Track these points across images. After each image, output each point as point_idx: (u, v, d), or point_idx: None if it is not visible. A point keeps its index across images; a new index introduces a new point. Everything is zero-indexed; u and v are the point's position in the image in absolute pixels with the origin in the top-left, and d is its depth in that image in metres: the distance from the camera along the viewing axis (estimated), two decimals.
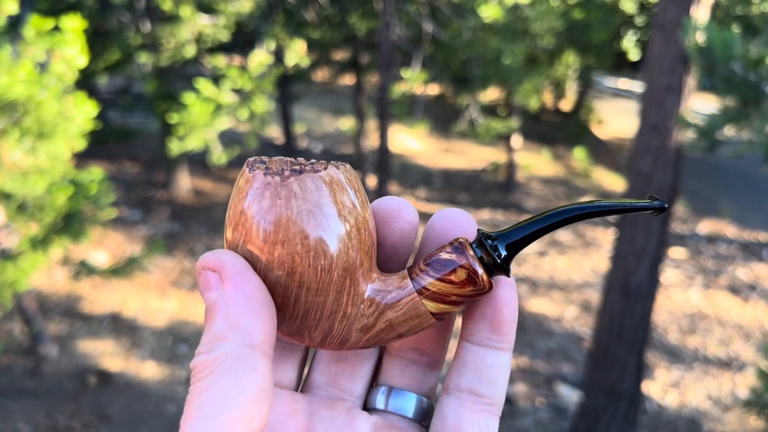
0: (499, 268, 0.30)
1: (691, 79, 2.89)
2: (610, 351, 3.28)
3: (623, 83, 12.02)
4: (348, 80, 9.08)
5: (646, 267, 3.12)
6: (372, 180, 6.50)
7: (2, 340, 4.12)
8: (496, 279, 0.32)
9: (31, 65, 2.81)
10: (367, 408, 0.35)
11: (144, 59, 5.57)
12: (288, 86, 6.35)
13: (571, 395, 3.95)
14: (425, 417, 0.35)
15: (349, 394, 0.34)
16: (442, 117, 8.54)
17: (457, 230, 0.32)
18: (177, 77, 6.14)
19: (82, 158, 5.72)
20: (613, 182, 7.60)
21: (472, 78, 5.65)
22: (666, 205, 0.30)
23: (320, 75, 8.41)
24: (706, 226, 6.37)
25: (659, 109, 2.95)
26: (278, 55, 5.71)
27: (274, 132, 7.86)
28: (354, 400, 0.34)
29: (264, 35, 5.38)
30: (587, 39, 6.52)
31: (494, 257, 0.30)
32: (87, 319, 4.44)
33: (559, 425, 3.76)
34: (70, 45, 2.90)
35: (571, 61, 6.44)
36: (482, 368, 0.32)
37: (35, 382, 3.83)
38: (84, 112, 3.02)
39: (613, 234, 4.67)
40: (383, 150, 5.54)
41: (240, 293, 0.28)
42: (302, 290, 0.29)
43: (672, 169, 3.00)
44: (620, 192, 7.05)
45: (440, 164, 7.78)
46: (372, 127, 6.74)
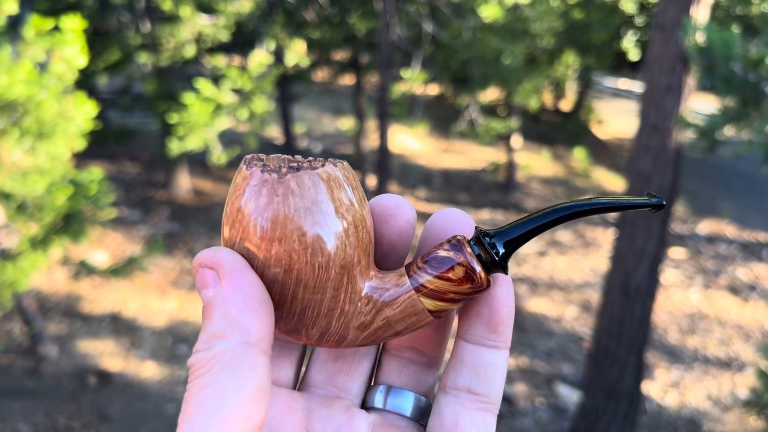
0: (497, 266, 0.30)
1: (691, 80, 2.89)
2: (610, 351, 3.27)
3: (623, 83, 12.02)
4: (348, 80, 9.09)
5: (646, 267, 3.12)
6: (372, 180, 6.50)
7: (2, 340, 4.12)
8: (494, 277, 0.31)
9: (31, 65, 2.81)
10: (366, 407, 0.35)
11: (144, 59, 5.57)
12: (288, 86, 6.35)
13: (571, 395, 3.95)
14: (423, 416, 0.35)
15: (347, 393, 0.34)
16: (442, 117, 8.54)
17: (456, 230, 0.32)
18: (177, 77, 6.14)
19: (82, 158, 5.72)
20: (613, 182, 7.60)
21: (472, 78, 5.65)
22: (664, 203, 0.30)
23: (320, 75, 8.41)
24: (706, 227, 6.37)
25: (659, 110, 2.95)
26: (278, 55, 5.71)
27: (274, 132, 7.86)
28: (352, 399, 0.34)
29: (264, 35, 5.38)
30: (587, 39, 6.52)
31: (492, 255, 0.30)
32: (87, 319, 4.44)
33: (559, 425, 3.76)
34: (70, 45, 2.90)
35: (571, 61, 6.44)
36: (479, 367, 0.32)
37: (35, 382, 3.83)
38: (84, 112, 3.02)
39: (613, 234, 4.67)
40: (383, 150, 5.54)
41: (238, 291, 0.28)
42: (299, 288, 0.29)
43: (672, 169, 3.00)
44: (620, 192, 7.06)
45: (440, 164, 7.78)
46: (372, 127, 6.74)
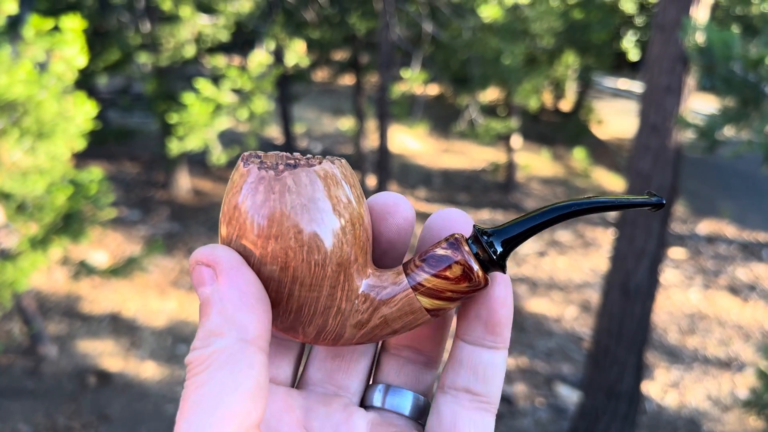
0: (495, 265, 0.30)
1: (691, 80, 2.89)
2: (610, 351, 3.27)
3: (623, 83, 12.02)
4: (348, 80, 9.08)
5: (646, 267, 3.12)
6: (372, 180, 6.50)
7: (2, 340, 4.12)
8: (492, 276, 0.31)
9: (31, 65, 2.81)
10: (364, 405, 0.35)
11: (143, 59, 5.57)
12: (288, 86, 6.35)
13: (571, 395, 3.95)
14: (422, 415, 0.34)
15: (345, 391, 0.34)
16: (442, 117, 8.54)
17: (455, 230, 0.32)
18: (177, 77, 6.14)
19: (82, 158, 5.72)
20: (613, 182, 7.60)
21: (472, 78, 5.65)
22: (664, 202, 0.30)
23: (320, 75, 8.41)
24: (706, 227, 6.37)
25: (659, 110, 2.95)
26: (278, 55, 5.71)
27: (274, 132, 7.86)
28: (350, 397, 0.34)
29: (264, 35, 5.38)
30: (587, 39, 6.52)
31: (490, 253, 0.30)
32: (86, 319, 4.44)
33: (559, 425, 3.76)
34: (70, 45, 2.90)
35: (571, 62, 6.44)
36: (478, 367, 0.32)
37: (35, 382, 3.83)
38: (83, 112, 3.02)
39: (613, 234, 4.67)
40: (383, 150, 5.54)
41: (235, 288, 0.27)
42: (296, 285, 0.29)
43: (671, 170, 3.00)
44: (620, 191, 7.06)
45: (440, 164, 7.78)
46: (372, 127, 6.74)
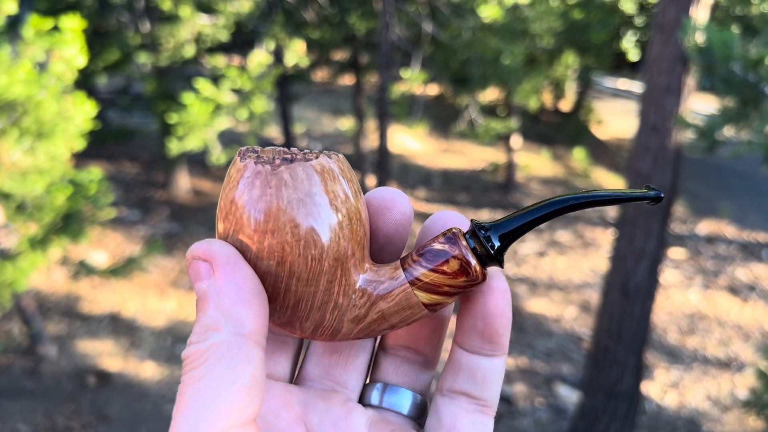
0: (493, 259, 0.30)
1: (691, 80, 2.89)
2: (610, 351, 3.27)
3: (623, 83, 12.02)
4: (347, 80, 9.09)
5: (646, 267, 3.12)
6: (371, 180, 6.50)
7: (1, 340, 4.12)
8: (490, 287, 0.31)
9: (31, 65, 2.81)
10: (362, 404, 0.35)
11: (143, 59, 5.57)
12: (287, 86, 6.35)
13: (571, 396, 3.95)
14: (420, 414, 0.35)
15: (343, 387, 0.34)
16: (442, 117, 8.54)
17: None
18: (176, 77, 6.14)
19: (82, 158, 5.72)
20: (613, 182, 7.60)
21: (472, 78, 5.65)
22: (662, 195, 0.30)
23: (320, 75, 8.41)
24: (706, 227, 6.37)
25: (659, 110, 2.95)
26: (278, 55, 5.71)
27: (274, 132, 7.86)
28: (348, 393, 0.34)
29: (263, 35, 5.38)
30: (587, 39, 6.52)
31: (487, 248, 0.30)
32: (86, 319, 4.44)
33: (559, 426, 3.76)
34: (70, 45, 2.90)
35: (571, 62, 6.44)
36: (476, 372, 0.32)
37: (34, 382, 3.83)
38: (83, 112, 3.02)
39: (613, 234, 4.67)
40: (382, 150, 5.54)
41: (231, 283, 0.27)
42: (293, 280, 0.29)
43: (671, 170, 3.00)
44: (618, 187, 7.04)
45: (440, 164, 7.78)
46: (371, 127, 6.74)
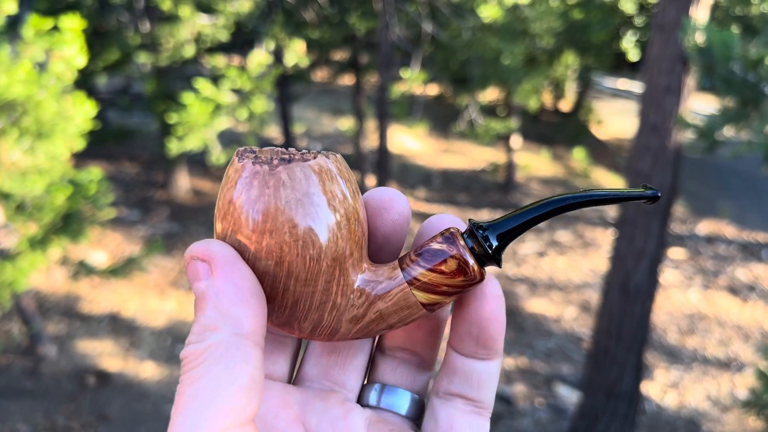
0: (490, 259, 0.30)
1: (691, 80, 2.89)
2: (610, 351, 3.27)
3: (622, 83, 12.02)
4: (347, 80, 9.09)
5: (646, 267, 3.12)
6: (371, 180, 6.50)
7: (1, 340, 4.12)
8: (483, 294, 0.31)
9: (30, 65, 2.81)
10: (360, 404, 0.35)
11: (143, 59, 5.57)
12: (287, 86, 6.35)
13: (570, 396, 3.95)
14: (418, 414, 0.35)
15: (342, 387, 0.34)
16: (442, 117, 8.54)
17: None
18: (176, 77, 6.14)
19: (81, 158, 5.72)
20: (613, 183, 7.60)
21: (472, 78, 5.65)
22: (659, 194, 0.30)
23: (319, 75, 8.41)
24: (706, 227, 6.37)
25: (658, 110, 2.95)
26: (277, 55, 5.71)
27: (274, 132, 7.86)
28: (346, 393, 0.34)
29: (263, 35, 5.38)
30: (587, 39, 6.52)
31: (485, 247, 0.30)
32: (86, 319, 4.44)
33: (558, 426, 3.76)
34: (69, 45, 2.90)
35: (571, 62, 6.44)
36: (472, 375, 0.32)
37: (34, 382, 3.83)
38: (83, 112, 3.02)
39: (613, 234, 4.67)
40: (382, 150, 5.54)
41: (230, 283, 0.27)
42: (291, 280, 0.29)
43: (671, 170, 3.00)
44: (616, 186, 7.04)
45: (439, 164, 7.78)
46: (371, 128, 6.74)
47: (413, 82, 5.52)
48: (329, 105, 9.41)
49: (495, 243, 0.30)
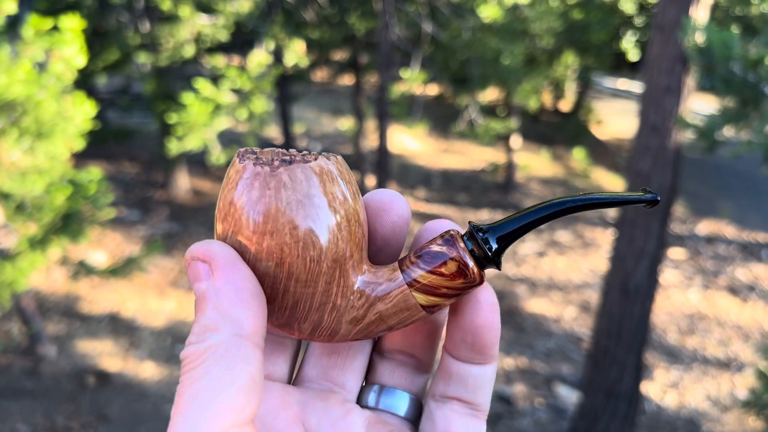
0: (490, 261, 0.30)
1: (691, 80, 2.89)
2: (609, 351, 3.27)
3: (622, 84, 12.02)
4: (347, 80, 9.09)
5: (645, 267, 3.12)
6: (371, 180, 6.50)
7: (1, 340, 4.12)
8: (478, 301, 0.31)
9: (30, 65, 2.81)
10: (359, 405, 0.35)
11: (143, 59, 5.57)
12: (287, 86, 6.35)
13: (570, 396, 3.95)
14: (416, 416, 0.35)
15: (341, 387, 0.35)
16: (442, 117, 8.54)
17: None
18: (176, 77, 6.14)
19: (81, 158, 5.72)
20: (613, 183, 7.60)
21: (472, 78, 5.65)
22: (659, 198, 0.30)
23: (319, 75, 8.41)
24: (705, 227, 6.37)
25: (658, 110, 2.95)
26: (277, 55, 5.71)
27: (273, 132, 7.86)
28: (346, 394, 0.35)
29: (263, 35, 5.38)
30: (586, 39, 6.52)
31: (485, 250, 0.30)
32: (85, 319, 4.44)
33: (558, 426, 3.76)
34: (69, 45, 2.90)
35: (571, 62, 6.44)
36: (467, 379, 0.32)
37: (34, 383, 3.83)
38: (83, 112, 3.02)
39: (612, 234, 4.66)
40: (382, 150, 5.54)
41: (230, 284, 0.28)
42: (291, 281, 0.29)
43: (671, 170, 3.00)
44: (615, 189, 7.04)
45: (439, 164, 7.78)
46: (371, 128, 6.74)
47: (413, 82, 5.51)
48: (329, 105, 9.41)
49: (495, 245, 0.30)
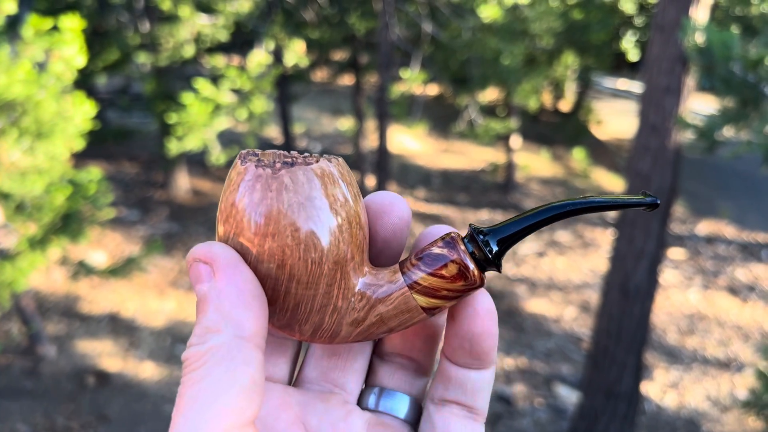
0: (491, 264, 0.30)
1: (690, 80, 2.89)
2: (609, 352, 3.28)
3: (622, 84, 12.02)
4: (347, 80, 9.08)
5: (645, 267, 3.12)
6: (371, 180, 6.50)
7: (1, 340, 4.12)
8: (475, 309, 0.31)
9: (30, 65, 2.81)
10: (359, 407, 0.35)
11: (143, 59, 5.57)
12: (287, 86, 6.35)
13: (570, 396, 3.95)
14: (416, 418, 0.35)
15: (341, 389, 0.35)
16: (441, 117, 8.54)
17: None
18: (176, 77, 6.14)
19: (81, 158, 5.72)
20: (612, 183, 7.60)
21: (471, 78, 5.65)
22: (659, 202, 0.30)
23: (319, 75, 8.40)
24: (705, 227, 6.37)
25: (658, 110, 2.95)
26: (277, 55, 5.71)
27: (273, 132, 7.86)
28: (346, 395, 0.35)
29: (263, 35, 5.37)
30: (586, 39, 6.52)
31: (485, 252, 0.30)
32: (85, 320, 4.44)
33: (558, 426, 3.76)
34: (69, 45, 2.90)
35: (570, 62, 6.44)
36: (466, 384, 0.33)
37: (33, 383, 3.83)
38: (82, 112, 3.02)
39: (612, 234, 4.67)
40: (382, 150, 5.54)
41: (232, 285, 0.28)
42: (292, 283, 0.29)
43: (671, 170, 3.00)
44: (619, 193, 7.05)
45: (439, 164, 7.78)
46: (371, 128, 6.74)
47: (413, 82, 5.51)
48: (329, 105, 9.41)
49: (495, 248, 0.30)
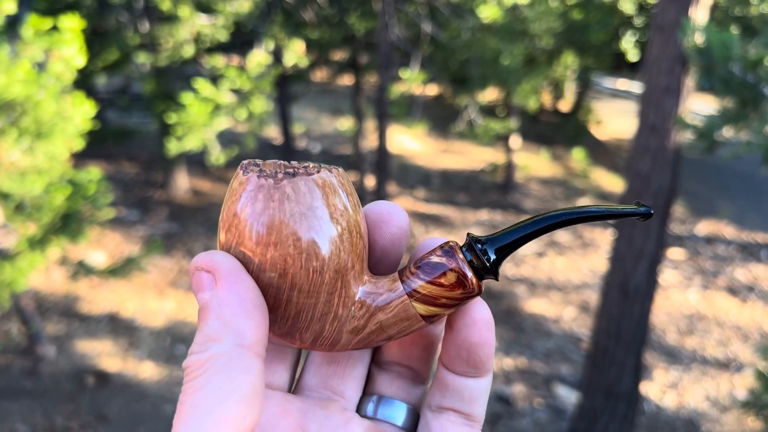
0: (489, 272, 0.31)
1: (690, 80, 2.90)
2: (609, 352, 3.28)
3: (622, 84, 12.03)
4: (347, 80, 9.08)
5: (645, 268, 3.12)
6: (370, 180, 6.50)
7: (0, 340, 4.12)
8: (472, 320, 0.32)
9: (30, 65, 2.81)
10: (358, 415, 0.35)
11: (142, 59, 5.57)
12: (287, 86, 6.35)
13: (570, 396, 3.96)
14: (413, 426, 0.35)
15: (340, 396, 0.35)
16: (441, 117, 8.54)
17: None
18: (175, 77, 6.14)
19: (81, 158, 5.72)
20: (612, 183, 7.60)
21: (471, 78, 5.65)
22: (652, 212, 0.31)
23: (319, 75, 8.40)
24: (705, 227, 6.38)
25: (658, 110, 2.95)
26: (277, 55, 5.71)
27: (273, 132, 7.86)
28: (345, 403, 0.35)
29: (262, 35, 5.37)
30: (586, 39, 6.52)
31: (483, 261, 0.31)
32: (85, 320, 4.44)
33: (558, 426, 3.76)
34: (69, 45, 2.90)
35: (570, 62, 6.45)
36: (463, 392, 0.33)
37: (33, 383, 3.83)
38: (82, 112, 3.02)
39: (612, 235, 4.67)
40: (382, 150, 5.54)
41: (233, 294, 0.28)
42: (294, 292, 0.29)
43: (671, 170, 3.00)
44: (619, 193, 7.07)
45: (439, 165, 7.79)
46: (371, 128, 6.74)
47: (412, 82, 5.51)
48: (329, 105, 9.41)
49: (493, 256, 0.31)
